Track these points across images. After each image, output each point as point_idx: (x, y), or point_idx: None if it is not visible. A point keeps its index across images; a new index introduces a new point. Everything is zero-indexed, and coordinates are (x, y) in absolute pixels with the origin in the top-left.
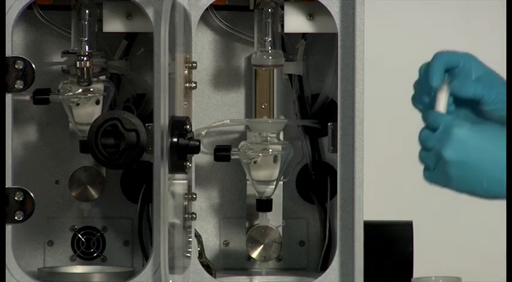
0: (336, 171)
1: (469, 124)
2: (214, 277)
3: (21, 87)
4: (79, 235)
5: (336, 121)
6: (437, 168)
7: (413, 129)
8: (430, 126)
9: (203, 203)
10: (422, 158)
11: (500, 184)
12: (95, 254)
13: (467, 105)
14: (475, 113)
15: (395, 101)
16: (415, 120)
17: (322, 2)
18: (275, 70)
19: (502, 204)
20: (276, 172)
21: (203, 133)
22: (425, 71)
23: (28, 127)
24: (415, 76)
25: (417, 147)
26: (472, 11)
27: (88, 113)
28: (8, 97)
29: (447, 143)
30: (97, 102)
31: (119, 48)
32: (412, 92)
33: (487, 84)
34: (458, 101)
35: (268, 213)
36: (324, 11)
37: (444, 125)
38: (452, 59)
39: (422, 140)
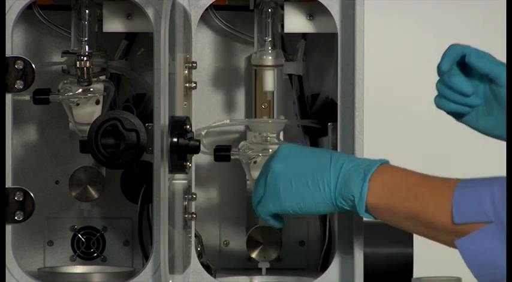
0: None
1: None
2: (214, 277)
3: (21, 87)
4: (79, 235)
5: (336, 121)
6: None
7: (414, 129)
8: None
9: (203, 203)
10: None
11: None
12: (95, 254)
13: (485, 83)
14: (492, 93)
15: (395, 100)
16: (416, 120)
17: (322, 2)
18: (275, 70)
19: None
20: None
21: (203, 133)
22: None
23: (28, 127)
24: (415, 76)
25: (417, 147)
26: (472, 11)
27: (88, 113)
28: (8, 97)
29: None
30: (97, 102)
31: (119, 48)
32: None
33: (501, 66)
34: (475, 76)
35: None
36: (324, 11)
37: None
38: (466, 49)
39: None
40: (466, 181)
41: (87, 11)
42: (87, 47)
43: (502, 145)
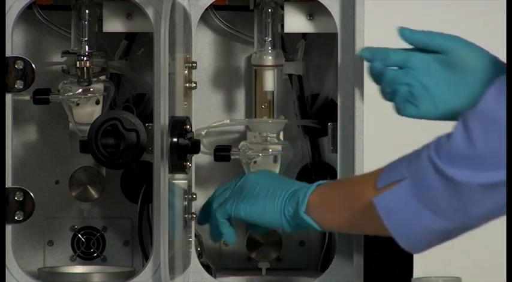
0: (336, 171)
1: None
2: (214, 277)
3: (21, 87)
4: (79, 235)
5: (336, 121)
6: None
7: (414, 128)
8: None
9: (203, 203)
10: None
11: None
12: (95, 254)
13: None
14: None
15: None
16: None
17: (322, 2)
18: (275, 70)
19: None
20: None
21: (203, 133)
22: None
23: (28, 127)
24: None
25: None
26: (472, 11)
27: (88, 113)
28: (8, 97)
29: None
30: (97, 102)
31: (119, 48)
32: None
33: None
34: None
35: None
36: (324, 11)
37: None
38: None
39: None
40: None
41: (87, 11)
42: (87, 47)
43: None
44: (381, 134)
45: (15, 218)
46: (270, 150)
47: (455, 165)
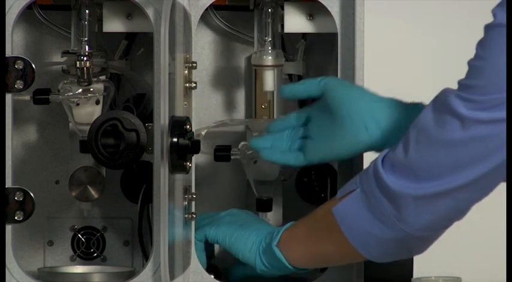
0: (335, 171)
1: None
2: (220, 279)
3: (21, 87)
4: (79, 235)
5: None
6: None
7: None
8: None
9: (203, 203)
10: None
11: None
12: (95, 254)
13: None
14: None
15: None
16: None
17: (322, 2)
18: (275, 70)
19: (502, 203)
20: (276, 172)
21: (203, 133)
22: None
23: (28, 127)
24: (415, 76)
25: None
26: (472, 11)
27: (88, 113)
28: (8, 97)
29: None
30: (97, 102)
31: (119, 48)
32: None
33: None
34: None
35: (268, 213)
36: (324, 11)
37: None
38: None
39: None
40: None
41: (87, 11)
42: (87, 47)
43: None
44: None
45: (15, 218)
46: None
47: (395, 174)
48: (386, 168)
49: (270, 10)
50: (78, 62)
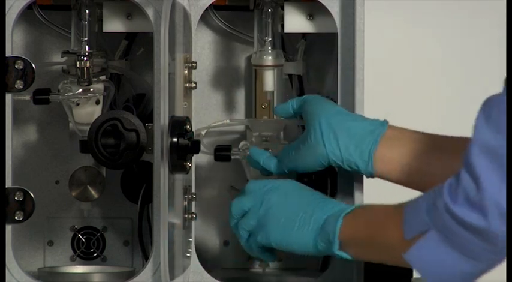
0: (336, 172)
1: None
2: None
3: (21, 87)
4: (79, 235)
5: None
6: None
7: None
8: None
9: (203, 203)
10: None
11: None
12: (95, 254)
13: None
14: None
15: (395, 101)
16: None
17: (322, 2)
18: (275, 70)
19: None
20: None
21: (203, 133)
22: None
23: (28, 127)
24: (415, 76)
25: None
26: (471, 11)
27: (88, 113)
28: (8, 97)
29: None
30: (97, 102)
31: (119, 48)
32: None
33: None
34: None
35: None
36: (324, 11)
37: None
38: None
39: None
40: (412, 200)
41: (87, 11)
42: (87, 47)
43: None
44: None
45: (15, 218)
46: (270, 150)
47: (471, 209)
48: (458, 204)
49: (270, 10)
50: (78, 62)
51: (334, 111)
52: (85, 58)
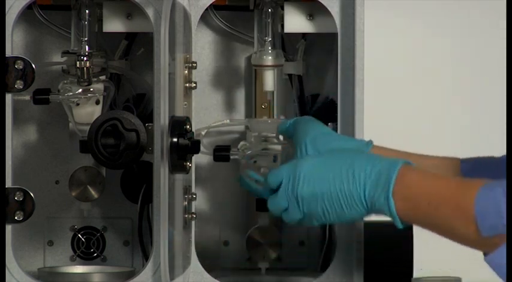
0: None
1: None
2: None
3: (21, 87)
4: (79, 235)
5: (336, 121)
6: (291, 206)
7: (414, 129)
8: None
9: (203, 203)
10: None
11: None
12: (95, 254)
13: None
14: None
15: (395, 101)
16: (416, 120)
17: (322, 2)
18: (275, 70)
19: None
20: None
21: (203, 133)
22: None
23: (28, 127)
24: (415, 76)
25: (417, 147)
26: (472, 11)
27: (88, 113)
28: (8, 97)
29: (299, 181)
30: (97, 102)
31: (119, 48)
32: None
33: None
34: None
35: (268, 213)
36: (324, 11)
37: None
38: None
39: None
40: (485, 189)
41: (87, 11)
42: (87, 47)
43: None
44: (380, 134)
45: (15, 218)
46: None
47: None
48: None
49: (270, 10)
50: (78, 62)
51: (321, 132)
52: (85, 58)
